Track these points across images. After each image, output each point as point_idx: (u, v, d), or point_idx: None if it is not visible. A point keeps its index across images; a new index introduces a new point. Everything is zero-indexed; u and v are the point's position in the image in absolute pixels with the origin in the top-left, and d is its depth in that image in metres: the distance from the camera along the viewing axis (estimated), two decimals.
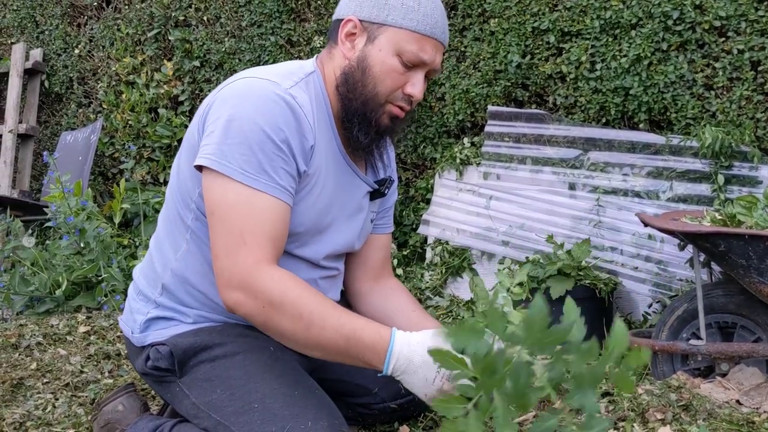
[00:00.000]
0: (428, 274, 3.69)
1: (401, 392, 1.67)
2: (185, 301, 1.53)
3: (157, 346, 1.50)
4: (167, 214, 1.57)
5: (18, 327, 2.91)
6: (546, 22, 3.47)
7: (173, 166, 1.59)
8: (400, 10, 1.42)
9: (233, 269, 1.33)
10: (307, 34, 4.29)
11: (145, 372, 1.54)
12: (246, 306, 1.33)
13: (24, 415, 1.96)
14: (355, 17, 1.44)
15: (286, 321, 1.31)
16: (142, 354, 1.55)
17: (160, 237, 1.59)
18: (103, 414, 1.71)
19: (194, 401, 1.46)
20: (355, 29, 1.45)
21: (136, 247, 4.12)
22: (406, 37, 1.42)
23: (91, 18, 5.34)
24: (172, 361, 1.48)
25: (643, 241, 3.13)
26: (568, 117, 3.50)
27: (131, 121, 4.91)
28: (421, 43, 1.42)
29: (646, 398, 1.91)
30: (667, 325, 2.38)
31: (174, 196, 1.54)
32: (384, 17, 1.42)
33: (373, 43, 1.43)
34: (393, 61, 1.43)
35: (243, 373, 1.43)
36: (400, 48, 1.42)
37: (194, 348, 1.48)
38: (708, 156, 3.05)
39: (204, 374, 1.46)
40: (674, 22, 3.17)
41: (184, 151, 1.52)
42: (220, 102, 1.40)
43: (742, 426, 1.76)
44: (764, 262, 2.02)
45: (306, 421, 1.33)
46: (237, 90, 1.40)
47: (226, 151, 1.34)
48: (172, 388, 1.52)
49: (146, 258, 1.64)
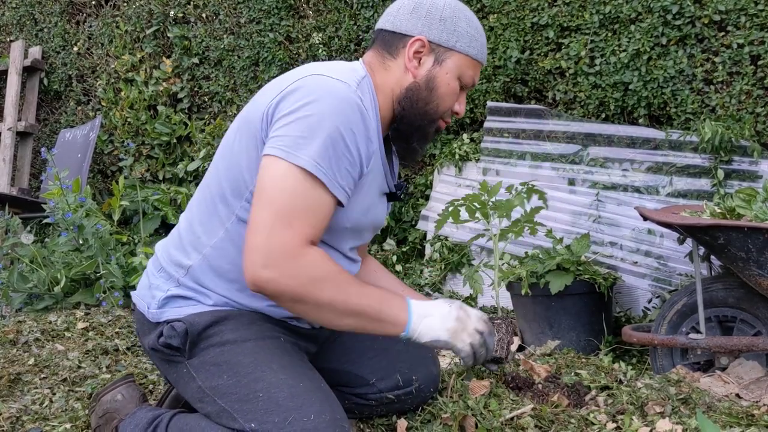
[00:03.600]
0: (427, 270, 3.68)
1: (399, 383, 1.68)
2: (209, 285, 1.52)
3: (173, 323, 1.48)
4: (207, 199, 1.55)
5: (16, 323, 2.91)
6: (545, 17, 3.46)
7: (220, 152, 1.57)
8: (466, 39, 1.55)
9: (273, 248, 1.34)
10: (306, 31, 4.28)
11: (156, 348, 1.52)
12: (279, 284, 1.34)
13: (21, 410, 1.95)
14: (425, 38, 1.53)
15: (326, 294, 1.37)
16: (155, 330, 1.53)
17: (194, 219, 1.57)
18: (102, 404, 1.70)
19: (200, 384, 1.46)
20: (423, 49, 1.54)
21: (135, 244, 4.12)
22: (467, 63, 1.56)
23: (90, 15, 5.33)
24: (185, 340, 1.47)
25: (642, 236, 3.12)
26: (568, 112, 3.49)
27: (130, 119, 4.90)
28: (476, 69, 1.59)
29: (646, 392, 1.91)
30: (666, 319, 2.37)
31: (220, 182, 1.53)
32: (453, 43, 1.54)
33: (441, 65, 1.55)
34: (455, 83, 1.57)
35: (251, 360, 1.43)
36: (462, 73, 1.56)
37: (208, 329, 1.47)
38: (708, 151, 3.04)
39: (213, 358, 1.46)
40: (674, 17, 3.16)
41: (242, 139, 1.50)
42: (295, 97, 1.41)
43: (741, 419, 1.75)
44: (764, 254, 2.01)
45: (309, 414, 1.34)
46: (313, 86, 1.42)
47: (301, 143, 1.37)
48: (179, 368, 1.51)
49: (173, 236, 1.61)
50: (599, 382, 1.99)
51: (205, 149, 4.62)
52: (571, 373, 2.06)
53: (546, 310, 2.79)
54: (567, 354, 2.43)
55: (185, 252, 1.55)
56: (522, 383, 1.89)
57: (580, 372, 2.07)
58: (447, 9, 1.55)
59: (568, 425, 1.64)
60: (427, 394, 1.73)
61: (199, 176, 4.71)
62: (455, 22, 1.55)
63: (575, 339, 2.79)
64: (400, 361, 1.70)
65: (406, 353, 1.73)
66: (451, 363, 2.10)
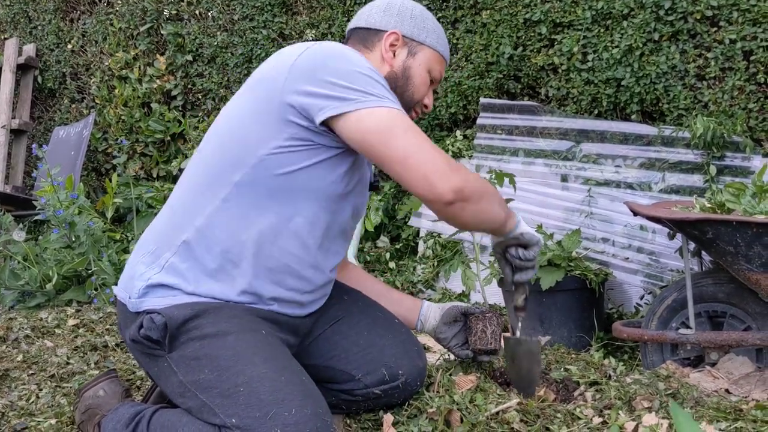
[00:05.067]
0: (420, 267, 3.68)
1: (385, 378, 1.67)
2: (202, 258, 1.51)
3: (153, 314, 1.48)
4: (201, 173, 1.56)
5: (7, 320, 2.90)
6: (538, 13, 3.45)
7: (218, 129, 1.58)
8: (434, 36, 1.71)
9: (442, 160, 1.42)
10: (299, 27, 4.27)
11: (136, 339, 1.51)
12: (468, 182, 1.44)
13: (6, 405, 1.94)
14: (399, 32, 1.67)
15: (487, 188, 1.53)
16: (135, 321, 1.52)
17: (186, 195, 1.56)
18: (84, 399, 1.69)
19: (182, 379, 1.45)
20: (397, 42, 1.67)
21: (129, 241, 4.11)
22: (435, 58, 1.71)
23: (84, 13, 5.32)
24: (164, 333, 1.46)
25: (634, 232, 3.12)
26: (561, 109, 3.48)
27: (124, 116, 4.89)
28: (442, 64, 1.73)
29: (634, 387, 1.90)
30: (656, 314, 2.37)
31: (214, 155, 1.54)
32: (423, 38, 1.69)
33: (414, 57, 1.68)
34: (426, 76, 1.70)
35: (232, 354, 1.43)
36: (431, 66, 1.70)
37: (187, 322, 1.46)
38: (700, 147, 3.04)
39: (193, 352, 1.45)
40: (666, 12, 3.15)
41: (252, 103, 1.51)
42: (319, 61, 1.46)
43: (729, 414, 1.74)
44: (752, 248, 2.01)
45: (290, 408, 1.33)
46: (330, 48, 1.50)
47: (372, 91, 1.44)
48: (159, 362, 1.51)
49: (161, 218, 1.61)
50: (588, 377, 1.98)
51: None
52: (560, 368, 2.05)
53: (537, 306, 2.78)
54: (557, 350, 2.42)
55: (179, 226, 1.54)
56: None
57: (570, 367, 2.06)
58: (416, 9, 1.71)
59: (554, 420, 1.64)
60: (414, 387, 1.73)
61: None
62: (424, 20, 1.70)
63: (566, 335, 2.78)
64: (385, 355, 1.70)
65: (391, 348, 1.72)
66: (440, 358, 2.09)
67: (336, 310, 1.73)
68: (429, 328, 1.89)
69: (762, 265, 2.04)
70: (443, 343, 1.90)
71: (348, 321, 1.74)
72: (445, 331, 1.88)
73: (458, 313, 1.88)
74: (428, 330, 1.90)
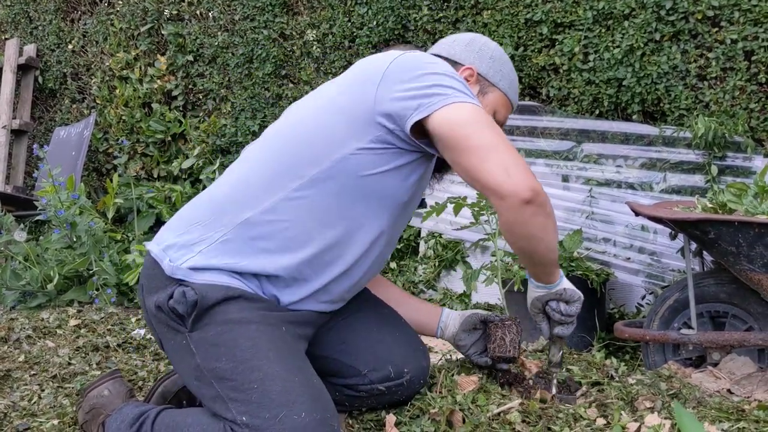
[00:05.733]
0: (421, 267, 3.68)
1: (390, 375, 1.68)
2: (261, 239, 1.50)
3: (186, 289, 1.46)
4: (275, 159, 1.55)
5: (8, 321, 2.90)
6: (539, 13, 3.45)
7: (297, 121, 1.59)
8: (507, 81, 1.73)
9: (523, 183, 1.41)
10: (300, 28, 4.27)
11: (162, 307, 1.49)
12: (538, 212, 1.44)
13: (8, 406, 1.94)
14: (475, 69, 1.70)
15: (554, 231, 1.53)
16: (167, 288, 1.50)
17: (253, 175, 1.56)
18: (89, 399, 1.69)
19: (199, 363, 1.46)
20: (471, 78, 1.70)
21: (130, 241, 4.11)
22: (503, 103, 1.73)
23: (85, 13, 5.32)
24: (192, 311, 1.46)
25: (636, 232, 3.12)
26: (562, 109, 3.48)
27: (125, 117, 4.89)
28: (509, 110, 1.75)
29: (636, 387, 1.90)
30: (658, 314, 2.36)
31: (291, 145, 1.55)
32: (497, 80, 1.72)
33: (484, 96, 1.70)
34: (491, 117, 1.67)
35: (250, 345, 1.43)
36: (497, 110, 1.72)
37: (218, 304, 1.46)
38: (701, 147, 3.04)
39: (214, 336, 1.45)
40: (667, 12, 3.15)
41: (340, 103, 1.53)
42: (411, 67, 1.50)
43: (731, 414, 1.74)
44: (754, 249, 2.01)
45: (300, 412, 1.35)
46: (421, 56, 1.55)
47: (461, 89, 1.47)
48: (177, 338, 1.50)
49: (221, 190, 1.59)
50: (590, 377, 1.98)
51: (200, 147, 4.61)
52: (562, 368, 2.05)
53: None
54: None
55: (242, 205, 1.53)
56: (513, 379, 1.89)
57: (572, 368, 2.06)
58: (496, 51, 1.74)
59: (556, 420, 1.64)
60: (417, 386, 1.74)
61: (193, 174, 4.71)
62: (502, 63, 1.73)
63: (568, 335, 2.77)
64: (392, 353, 1.71)
65: (398, 346, 1.73)
66: (442, 359, 2.09)
67: (348, 305, 1.73)
68: (449, 335, 1.88)
69: (764, 266, 2.04)
70: (462, 351, 1.88)
71: (358, 316, 1.74)
72: (464, 339, 1.86)
73: (478, 320, 1.87)
74: (448, 337, 1.88)
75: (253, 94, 4.45)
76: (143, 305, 1.58)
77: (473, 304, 3.40)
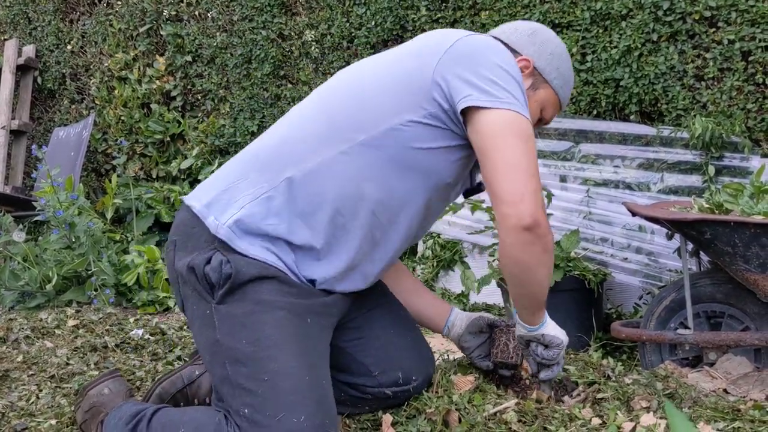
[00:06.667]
0: (420, 267, 3.68)
1: (399, 381, 1.69)
2: (301, 200, 1.48)
3: (224, 260, 1.44)
4: (322, 120, 1.54)
5: (7, 321, 2.91)
6: (536, 13, 3.46)
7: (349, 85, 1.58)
8: (561, 80, 1.67)
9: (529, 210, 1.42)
10: (299, 28, 4.28)
11: (196, 270, 1.46)
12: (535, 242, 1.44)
13: (6, 406, 1.95)
14: (533, 61, 1.64)
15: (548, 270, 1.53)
16: (206, 251, 1.47)
17: (299, 133, 1.55)
18: (88, 398, 1.70)
19: (219, 338, 1.44)
20: (526, 70, 1.64)
21: (128, 242, 4.12)
22: (553, 101, 1.68)
23: (84, 14, 5.33)
24: (224, 283, 1.44)
25: (633, 232, 3.12)
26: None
27: (124, 117, 4.90)
28: (557, 109, 1.71)
29: (633, 387, 1.90)
30: (655, 314, 2.37)
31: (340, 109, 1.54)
32: (552, 78, 1.66)
33: (535, 91, 1.65)
34: (537, 113, 1.66)
35: (274, 333, 1.42)
36: (545, 107, 1.67)
37: (251, 282, 1.45)
38: (698, 147, 3.04)
39: (242, 315, 1.44)
40: (664, 13, 3.15)
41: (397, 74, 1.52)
42: (478, 50, 1.49)
43: (726, 414, 1.75)
44: (750, 249, 2.01)
45: (300, 415, 1.36)
46: (489, 42, 1.54)
47: (517, 97, 1.45)
48: (201, 305, 1.48)
49: (266, 145, 1.57)
50: (587, 377, 1.98)
51: (199, 147, 4.62)
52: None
53: None
54: None
55: (286, 162, 1.51)
56: (509, 379, 1.89)
57: (568, 367, 2.06)
58: (558, 48, 1.68)
59: (552, 420, 1.64)
60: (419, 392, 1.76)
61: (192, 174, 4.71)
62: (560, 61, 1.67)
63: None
64: (402, 357, 1.72)
65: (409, 350, 1.74)
66: (439, 359, 2.10)
67: (369, 299, 1.72)
68: (454, 336, 1.87)
69: (760, 266, 2.05)
70: (466, 352, 1.88)
71: (376, 313, 1.74)
72: (469, 341, 1.85)
73: (484, 324, 1.85)
74: (453, 337, 1.88)
75: (251, 94, 4.46)
76: (171, 263, 1.54)
77: (471, 304, 3.41)
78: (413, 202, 1.54)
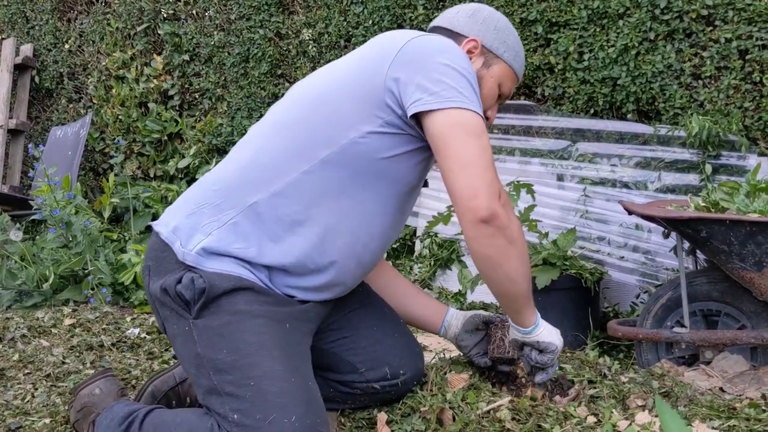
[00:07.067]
0: (417, 266, 3.68)
1: (387, 375, 1.69)
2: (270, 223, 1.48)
3: (195, 276, 1.45)
4: (284, 138, 1.54)
5: (3, 320, 2.90)
6: (534, 12, 3.45)
7: (305, 100, 1.57)
8: (512, 52, 1.70)
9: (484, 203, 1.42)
10: (296, 27, 4.28)
11: (168, 291, 1.47)
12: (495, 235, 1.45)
13: (2, 404, 1.95)
14: (479, 40, 1.66)
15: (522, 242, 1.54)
16: (177, 272, 1.48)
17: (262, 156, 1.54)
18: (80, 398, 1.70)
19: (200, 352, 1.45)
20: (475, 50, 1.66)
21: (126, 241, 4.11)
22: (508, 74, 1.70)
23: (81, 13, 5.32)
24: (198, 298, 1.44)
25: (630, 231, 3.12)
26: (557, 108, 3.49)
27: (121, 116, 4.89)
28: (514, 82, 1.73)
29: (629, 386, 1.90)
30: (651, 313, 2.37)
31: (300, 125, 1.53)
32: (501, 52, 1.68)
33: (488, 69, 1.67)
34: (495, 89, 1.68)
35: (255, 341, 1.42)
36: (502, 81, 1.69)
37: (226, 294, 1.45)
38: (696, 146, 3.04)
39: (219, 327, 1.44)
40: (662, 11, 3.15)
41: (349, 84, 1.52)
42: (427, 52, 1.50)
43: (722, 412, 1.75)
44: (745, 247, 2.01)
45: (291, 416, 1.35)
46: (437, 42, 1.54)
47: (465, 93, 1.46)
48: (181, 323, 1.48)
49: (230, 170, 1.57)
50: (583, 376, 1.98)
51: (196, 146, 4.61)
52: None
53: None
54: None
55: (251, 187, 1.51)
56: (505, 377, 1.89)
57: (565, 366, 2.06)
58: (501, 21, 1.70)
59: (546, 418, 1.64)
60: (410, 386, 1.76)
61: (189, 173, 4.71)
62: (506, 34, 1.69)
63: (562, 333, 2.77)
64: (390, 354, 1.72)
65: (396, 347, 1.74)
66: (435, 357, 2.10)
67: (351, 300, 1.73)
68: (451, 335, 1.87)
69: (755, 264, 2.05)
70: (464, 351, 1.88)
71: (360, 312, 1.74)
72: (466, 339, 1.85)
73: (480, 321, 1.85)
74: (450, 337, 1.88)
75: (249, 93, 4.45)
76: (147, 287, 1.56)
77: (468, 303, 3.40)
78: (383, 210, 1.55)
